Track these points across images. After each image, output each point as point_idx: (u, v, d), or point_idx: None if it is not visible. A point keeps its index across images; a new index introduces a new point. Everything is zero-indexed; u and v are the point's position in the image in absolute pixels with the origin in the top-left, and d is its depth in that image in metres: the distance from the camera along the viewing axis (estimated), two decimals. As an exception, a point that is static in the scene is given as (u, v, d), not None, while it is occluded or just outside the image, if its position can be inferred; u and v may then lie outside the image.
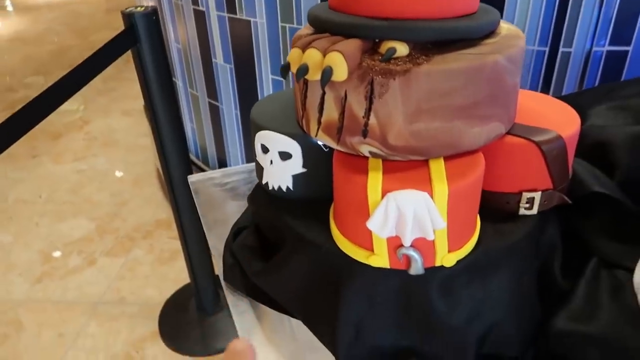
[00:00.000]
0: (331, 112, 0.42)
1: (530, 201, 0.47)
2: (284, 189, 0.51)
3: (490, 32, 0.44)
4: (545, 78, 0.92)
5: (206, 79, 1.33)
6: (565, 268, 0.51)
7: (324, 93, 0.42)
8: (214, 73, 1.29)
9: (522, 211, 0.47)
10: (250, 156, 1.36)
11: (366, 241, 0.42)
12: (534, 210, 0.47)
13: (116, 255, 1.65)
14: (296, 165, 0.49)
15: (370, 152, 0.41)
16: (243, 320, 0.57)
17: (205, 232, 0.71)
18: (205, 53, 1.28)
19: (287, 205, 0.51)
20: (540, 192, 0.47)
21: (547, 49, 0.89)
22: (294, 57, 0.41)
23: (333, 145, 0.43)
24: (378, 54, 0.40)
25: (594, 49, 0.87)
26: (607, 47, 0.87)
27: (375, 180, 0.39)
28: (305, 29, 0.49)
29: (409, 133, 0.40)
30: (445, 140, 0.41)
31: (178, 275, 1.55)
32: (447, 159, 0.42)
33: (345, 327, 0.45)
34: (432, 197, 0.38)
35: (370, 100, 0.39)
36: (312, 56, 0.39)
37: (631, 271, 0.48)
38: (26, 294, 1.51)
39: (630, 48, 0.86)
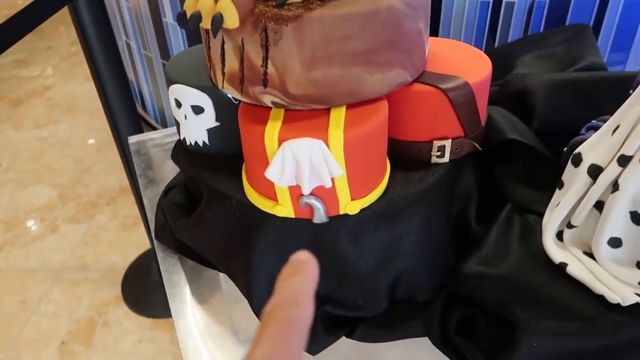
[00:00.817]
0: (232, 62, 0.41)
1: (442, 149, 0.47)
2: (200, 143, 0.50)
3: (396, -23, 0.43)
4: (490, 29, 0.92)
5: (158, 40, 1.30)
6: (481, 214, 0.52)
7: (223, 42, 0.41)
8: (165, 33, 1.25)
9: (434, 159, 0.48)
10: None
11: (270, 191, 0.42)
12: (446, 158, 0.48)
13: (79, 221, 1.64)
14: (209, 119, 0.48)
15: (273, 102, 0.41)
16: (172, 277, 0.58)
17: (141, 192, 0.70)
18: (154, 12, 1.24)
19: (203, 160, 0.51)
20: (450, 140, 0.47)
21: (490, 0, 0.88)
22: (189, 4, 0.40)
23: (238, 96, 0.43)
24: (273, 0, 0.39)
25: (537, -1, 0.87)
26: (549, -3, 0.86)
27: (272, 129, 0.39)
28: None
29: (307, 81, 0.39)
30: (345, 88, 0.40)
31: (142, 241, 1.54)
32: (349, 107, 0.42)
33: (258, 277, 0.46)
34: (327, 144, 0.38)
35: (266, 48, 0.39)
36: (205, 3, 0.38)
37: (541, 216, 0.50)
38: (-12, 263, 1.50)
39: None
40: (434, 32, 0.93)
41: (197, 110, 0.48)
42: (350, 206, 0.42)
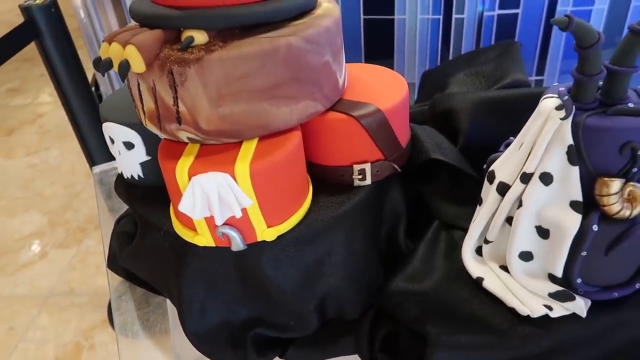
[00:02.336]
0: (148, 102, 0.44)
1: (362, 172, 0.49)
2: (136, 177, 0.53)
3: (304, 13, 0.45)
4: (443, 44, 0.94)
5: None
6: (410, 233, 0.54)
7: (138, 84, 0.44)
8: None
9: (356, 182, 0.50)
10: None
11: (190, 222, 0.44)
12: (368, 181, 0.50)
13: (67, 246, 1.67)
14: (140, 153, 0.51)
15: (188, 138, 0.43)
16: (121, 304, 0.60)
17: (99, 220, 0.73)
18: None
19: (139, 192, 0.53)
20: (369, 164, 0.49)
21: (441, 17, 0.91)
22: (102, 50, 0.42)
23: (158, 133, 0.45)
24: (180, 43, 0.41)
25: (485, 13, 0.89)
26: (497, 11, 0.88)
27: (183, 165, 0.41)
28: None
29: (217, 117, 0.42)
30: (254, 122, 0.43)
31: (129, 262, 1.56)
32: (262, 139, 0.44)
33: (188, 305, 0.48)
34: (234, 177, 0.40)
35: (174, 88, 0.41)
36: (114, 49, 0.41)
37: (466, 231, 0.51)
38: (-22, 292, 1.52)
39: (519, 11, 0.88)
40: (389, 51, 0.95)
41: (129, 145, 0.50)
42: (266, 233, 0.44)
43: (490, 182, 0.48)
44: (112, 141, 0.51)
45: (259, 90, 0.41)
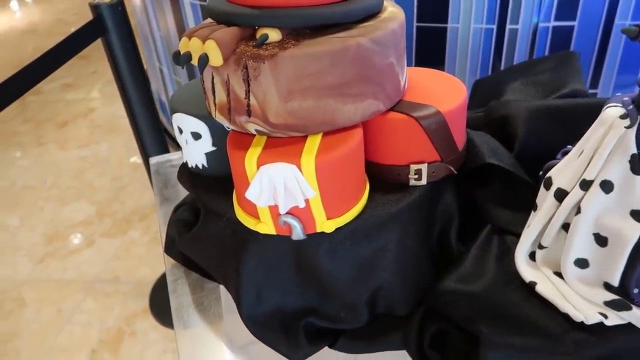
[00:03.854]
0: (221, 94, 0.46)
1: (419, 172, 0.51)
2: (200, 166, 0.55)
3: (371, 15, 0.47)
4: (495, 54, 0.94)
5: (187, 66, 1.38)
6: (462, 234, 0.55)
7: (213, 77, 0.46)
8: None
9: (412, 182, 0.51)
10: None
11: (254, 210, 0.46)
12: (423, 181, 0.51)
13: (113, 236, 1.73)
14: (207, 144, 0.53)
15: (256, 130, 0.46)
16: (177, 287, 0.62)
17: (156, 209, 0.76)
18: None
19: (202, 180, 0.56)
20: (426, 164, 0.50)
21: (495, 27, 0.91)
22: (182, 45, 0.45)
23: (227, 124, 0.48)
24: (254, 40, 0.44)
25: (540, 24, 0.89)
26: (553, 23, 0.88)
27: (252, 154, 0.44)
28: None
29: (285, 112, 0.44)
30: (320, 118, 0.45)
31: (171, 255, 1.62)
32: (326, 134, 0.46)
33: (246, 290, 0.50)
34: (300, 169, 0.42)
35: (247, 82, 0.44)
36: (194, 44, 0.43)
37: (519, 236, 0.52)
38: (30, 274, 1.60)
39: (575, 23, 0.88)
40: (440, 59, 0.96)
41: (196, 136, 0.53)
42: (326, 225, 0.46)
43: (547, 188, 0.48)
44: (181, 131, 0.54)
45: (327, 88, 0.43)
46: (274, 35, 0.43)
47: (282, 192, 0.43)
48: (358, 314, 0.51)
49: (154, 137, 1.15)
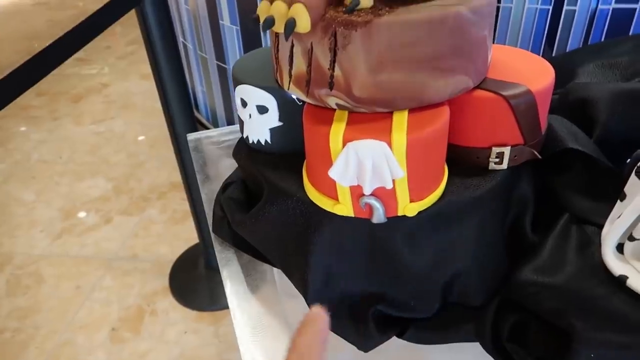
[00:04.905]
0: (300, 64, 0.43)
1: (500, 156, 0.48)
2: (263, 142, 0.52)
3: (462, -16, 0.43)
4: (548, 37, 0.90)
5: (214, 41, 1.34)
6: (536, 223, 0.52)
7: (292, 45, 0.43)
8: (222, 35, 1.29)
9: (492, 166, 0.48)
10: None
11: (331, 190, 0.43)
12: (504, 165, 0.48)
13: (131, 214, 1.71)
14: (273, 118, 0.50)
15: (337, 104, 0.43)
16: (229, 270, 0.60)
17: (199, 187, 0.73)
18: (212, 15, 1.29)
19: (265, 157, 0.53)
20: (509, 147, 0.47)
21: (550, 7, 0.87)
22: (263, 9, 0.42)
23: (303, 97, 0.45)
24: (343, 6, 0.41)
25: (600, 6, 0.85)
26: (613, 5, 0.84)
27: (337, 130, 0.40)
28: (282, -17, 0.49)
29: (372, 84, 0.41)
30: (409, 92, 0.41)
31: (189, 235, 1.60)
32: (411, 111, 0.43)
33: (314, 273, 0.47)
34: (390, 146, 0.39)
35: (334, 51, 0.40)
36: (278, 8, 0.40)
37: (600, 227, 0.49)
38: (47, 249, 1.58)
39: (638, 5, 0.84)
40: (490, 39, 0.92)
41: (262, 110, 0.50)
42: (408, 208, 0.43)
43: (640, 177, 0.45)
44: (244, 104, 0.51)
45: (420, 60, 0.40)
46: (366, 1, 0.40)
47: (369, 171, 0.40)
48: (430, 303, 0.48)
49: (184, 114, 1.12)
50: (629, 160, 0.49)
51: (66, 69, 2.82)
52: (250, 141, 0.54)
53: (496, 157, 0.48)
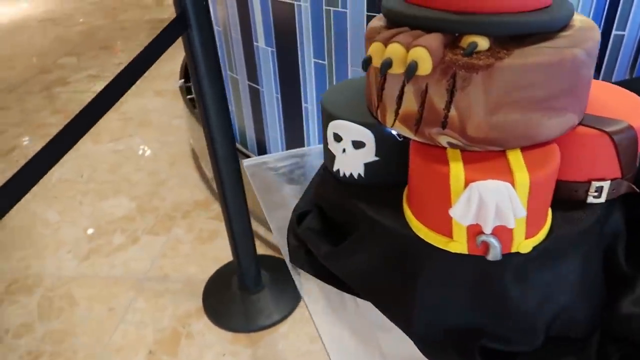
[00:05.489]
0: (410, 104, 0.44)
1: (599, 190, 0.48)
2: (355, 176, 0.53)
3: (565, 25, 0.44)
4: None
5: (247, 62, 1.35)
6: (629, 254, 0.53)
7: (403, 85, 0.44)
8: (255, 56, 1.30)
9: (590, 199, 0.49)
10: (290, 140, 1.38)
11: (446, 228, 0.44)
12: (602, 199, 0.49)
13: (157, 233, 1.71)
14: (369, 153, 0.51)
15: (449, 143, 0.43)
16: (315, 305, 0.60)
17: (265, 215, 0.74)
18: (246, 36, 1.30)
19: (358, 191, 0.53)
20: (609, 181, 0.48)
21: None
22: (376, 51, 0.43)
23: (410, 135, 0.45)
24: (458, 48, 0.41)
25: (649, 31, 0.86)
26: (662, 29, 0.85)
27: (457, 170, 0.41)
28: (376, 21, 0.50)
29: (488, 125, 0.41)
30: (523, 132, 0.42)
31: (217, 255, 1.59)
32: (523, 149, 0.43)
33: (421, 310, 0.48)
34: (513, 186, 0.40)
35: (451, 93, 0.41)
36: (396, 50, 0.41)
37: (696, 257, 0.49)
38: (76, 270, 1.58)
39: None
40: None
41: (358, 145, 0.51)
42: (523, 245, 0.43)
43: None
44: (338, 139, 0.52)
45: (537, 101, 0.41)
46: (483, 43, 0.40)
47: (492, 212, 0.40)
48: (534, 337, 0.48)
49: (224, 136, 1.12)
50: None
51: (80, 86, 2.83)
52: (342, 174, 0.54)
53: (595, 191, 0.48)
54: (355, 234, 0.53)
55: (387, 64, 0.41)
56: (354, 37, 1.06)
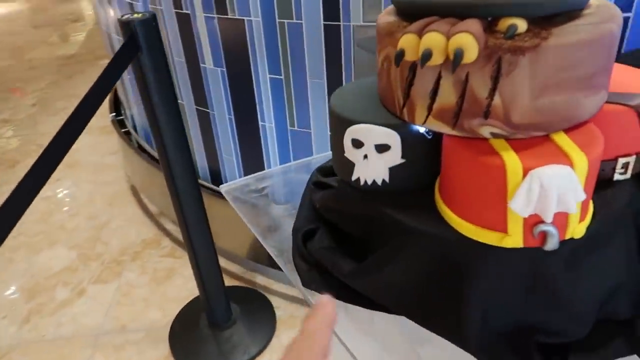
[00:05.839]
0: (448, 96, 0.41)
1: (625, 166, 0.48)
2: (379, 182, 0.49)
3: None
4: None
5: (193, 86, 1.28)
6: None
7: (439, 78, 0.41)
8: (203, 78, 1.24)
9: (616, 177, 0.48)
10: (248, 162, 1.32)
11: (499, 223, 0.41)
12: (628, 175, 0.48)
13: (106, 281, 1.56)
14: (395, 156, 0.48)
15: (492, 133, 0.41)
16: (342, 332, 0.55)
17: (260, 241, 0.68)
18: (191, 58, 1.23)
19: (385, 198, 0.49)
20: (634, 156, 0.48)
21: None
22: (410, 43, 0.40)
23: (446, 130, 0.42)
24: (496, 33, 0.39)
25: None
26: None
27: (512, 160, 0.39)
28: (385, 15, 0.47)
29: (534, 109, 0.40)
30: (566, 113, 0.41)
31: (178, 294, 1.48)
32: (567, 132, 0.42)
33: (473, 316, 0.44)
34: (572, 169, 0.38)
35: (495, 80, 0.39)
36: (436, 40, 0.38)
37: None
38: (16, 337, 1.40)
39: (631, 14, 0.90)
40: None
41: (382, 148, 0.47)
42: (578, 229, 0.42)
43: None
44: (359, 145, 0.48)
45: (579, 79, 0.40)
46: (523, 25, 0.39)
47: (554, 199, 0.38)
48: (585, 325, 0.47)
49: (184, 166, 1.04)
50: None
51: (-10, 133, 2.59)
52: (362, 182, 0.50)
53: (622, 168, 0.48)
54: (386, 246, 0.49)
55: (428, 55, 0.38)
56: (311, 48, 1.03)
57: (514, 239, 0.41)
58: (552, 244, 0.41)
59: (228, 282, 1.49)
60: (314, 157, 0.85)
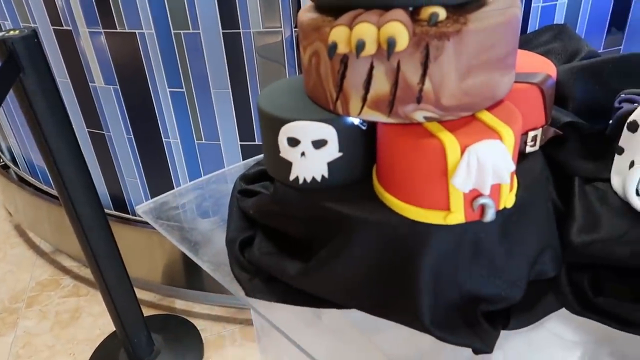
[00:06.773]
0: (381, 85, 0.42)
1: (534, 139, 0.53)
2: (319, 179, 0.49)
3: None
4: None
5: (82, 107, 1.19)
6: (558, 192, 0.59)
7: (371, 68, 0.42)
8: (94, 98, 1.15)
9: (528, 149, 0.53)
10: (154, 182, 1.25)
11: (442, 202, 0.43)
12: (537, 147, 0.54)
13: (1, 334, 1.38)
14: (332, 151, 0.48)
15: (425, 117, 0.43)
16: (288, 329, 0.54)
17: (192, 258, 0.64)
18: (77, 77, 1.14)
19: (326, 194, 0.49)
20: (540, 129, 0.53)
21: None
22: (341, 35, 0.40)
23: (382, 119, 0.44)
24: (419, 21, 0.41)
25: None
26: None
27: (450, 139, 0.41)
28: (306, 12, 0.48)
29: (460, 91, 0.42)
30: (488, 93, 0.44)
31: (89, 334, 1.36)
32: (488, 110, 0.45)
33: (424, 293, 0.46)
34: (502, 142, 0.41)
35: (425, 65, 0.41)
36: (367, 30, 0.39)
37: (608, 180, 0.58)
38: None
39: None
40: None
41: (319, 144, 0.47)
42: (509, 199, 0.45)
43: (633, 131, 0.55)
44: (295, 143, 0.48)
45: (497, 60, 0.43)
46: (442, 13, 0.41)
47: (490, 172, 0.41)
48: (520, 288, 0.50)
49: (85, 191, 0.96)
50: (610, 121, 0.59)
51: None
52: (301, 181, 0.50)
53: (532, 140, 0.53)
54: (332, 242, 0.49)
55: (361, 45, 0.39)
56: (212, 58, 1.01)
57: (456, 216, 0.44)
58: (490, 215, 0.44)
59: (145, 311, 1.40)
60: (228, 169, 0.83)
